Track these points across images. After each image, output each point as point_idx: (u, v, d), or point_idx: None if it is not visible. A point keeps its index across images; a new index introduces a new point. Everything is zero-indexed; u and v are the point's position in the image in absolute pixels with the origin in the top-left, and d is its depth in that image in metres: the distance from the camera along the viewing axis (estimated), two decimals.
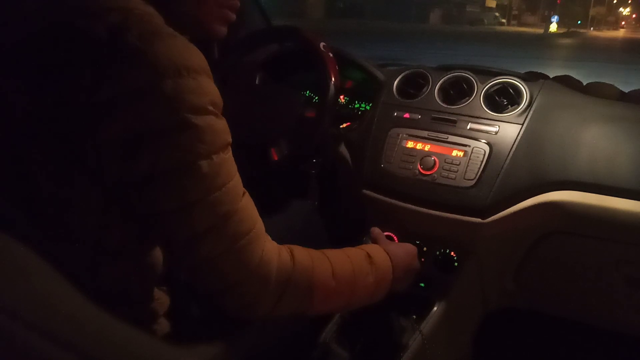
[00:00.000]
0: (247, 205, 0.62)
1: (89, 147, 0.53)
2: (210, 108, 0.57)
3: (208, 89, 0.57)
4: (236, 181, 0.61)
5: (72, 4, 0.55)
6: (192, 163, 0.55)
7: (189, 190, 0.56)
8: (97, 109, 0.52)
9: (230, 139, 0.61)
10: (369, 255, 0.78)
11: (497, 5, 46.82)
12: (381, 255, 0.80)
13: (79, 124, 0.53)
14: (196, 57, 0.57)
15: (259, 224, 0.64)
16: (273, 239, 0.66)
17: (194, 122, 0.54)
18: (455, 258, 1.12)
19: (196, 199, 0.56)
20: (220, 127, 0.59)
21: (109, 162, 0.54)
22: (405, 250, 0.88)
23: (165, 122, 0.53)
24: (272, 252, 0.64)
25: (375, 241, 0.93)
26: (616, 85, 1.17)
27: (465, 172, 1.04)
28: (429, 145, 1.10)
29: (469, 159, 1.04)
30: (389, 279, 0.79)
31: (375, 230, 0.95)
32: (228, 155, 0.60)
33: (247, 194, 0.63)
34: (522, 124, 1.05)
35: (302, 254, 0.68)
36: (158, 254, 0.66)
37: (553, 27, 31.33)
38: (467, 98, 1.13)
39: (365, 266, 0.76)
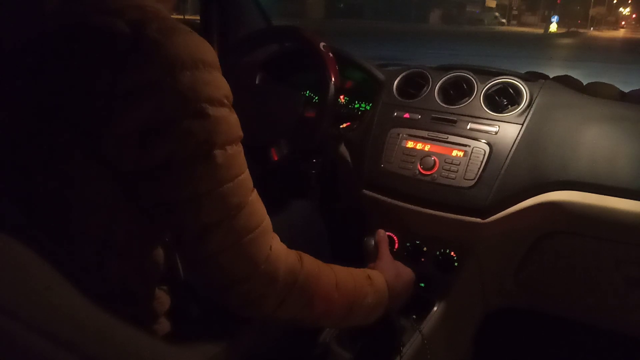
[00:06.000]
0: (256, 201, 0.63)
1: (106, 138, 0.54)
2: (225, 101, 0.59)
3: (222, 83, 0.60)
4: (247, 175, 0.62)
5: (90, 2, 0.57)
6: (207, 152, 0.56)
7: (202, 180, 0.57)
8: (117, 99, 0.53)
9: (241, 133, 0.62)
10: (369, 277, 0.79)
11: (497, 5, 46.83)
12: (380, 280, 0.82)
13: (98, 115, 0.54)
14: (210, 53, 0.58)
15: (267, 221, 0.65)
16: None
17: (209, 113, 0.56)
18: (455, 258, 1.12)
19: (209, 189, 0.57)
20: (233, 120, 0.60)
21: (125, 151, 0.55)
22: (404, 280, 0.89)
23: (183, 111, 0.55)
24: (280, 251, 0.64)
25: (378, 244, 0.93)
26: (616, 85, 1.17)
27: (465, 172, 1.04)
28: (429, 145, 1.10)
29: (469, 159, 1.04)
30: (385, 304, 0.81)
31: (381, 233, 0.96)
32: (240, 149, 0.61)
33: (255, 190, 0.64)
34: (522, 124, 1.05)
35: (310, 260, 0.69)
36: (160, 252, 0.67)
37: (553, 27, 31.35)
38: (467, 98, 1.13)
39: (365, 286, 0.77)
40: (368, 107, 1.33)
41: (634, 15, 63.46)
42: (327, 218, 1.16)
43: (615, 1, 62.70)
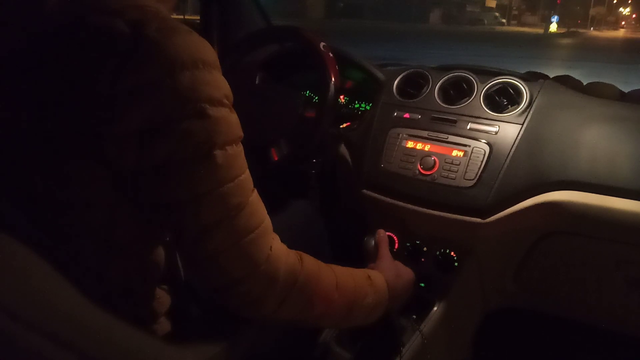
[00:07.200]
0: (257, 201, 0.63)
1: (106, 138, 0.54)
2: (225, 101, 0.59)
3: (222, 83, 0.59)
4: (247, 175, 0.62)
5: (90, 2, 0.57)
6: (207, 152, 0.56)
7: (202, 180, 0.57)
8: (117, 99, 0.53)
9: (242, 133, 0.62)
10: (369, 277, 0.79)
11: (497, 5, 46.83)
12: (380, 280, 0.82)
13: (98, 115, 0.54)
14: (210, 53, 0.58)
15: (268, 221, 0.65)
16: None
17: (209, 113, 0.56)
18: (455, 258, 1.12)
19: (209, 189, 0.57)
20: (233, 120, 0.60)
21: (125, 151, 0.55)
22: (404, 280, 0.89)
23: (183, 111, 0.55)
24: (281, 252, 0.64)
25: (378, 244, 0.93)
26: (616, 85, 1.17)
27: (465, 172, 1.04)
28: (429, 145, 1.10)
29: (469, 159, 1.04)
30: (385, 304, 0.81)
31: (381, 233, 0.96)
32: (240, 149, 0.61)
33: (255, 190, 0.64)
34: (522, 124, 1.05)
35: (310, 260, 0.69)
36: (161, 252, 0.67)
37: (553, 27, 31.32)
38: (467, 98, 1.13)
39: (365, 287, 0.77)
40: (368, 107, 1.33)
41: (634, 15, 63.44)
42: (327, 218, 1.16)
43: (615, 1, 62.67)
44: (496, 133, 1.06)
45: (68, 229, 0.58)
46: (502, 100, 1.12)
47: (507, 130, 1.06)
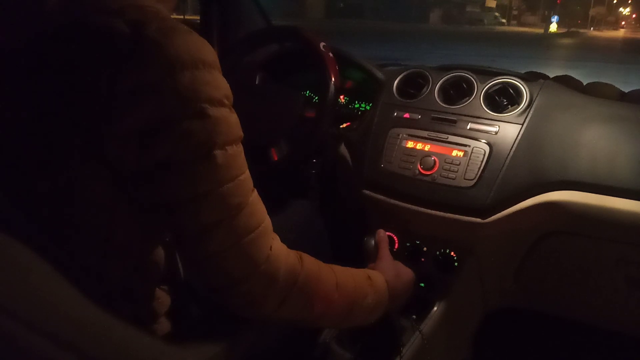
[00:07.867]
0: (257, 201, 0.63)
1: (106, 138, 0.54)
2: (225, 101, 0.59)
3: (223, 83, 0.59)
4: (247, 175, 0.62)
5: (90, 2, 0.57)
6: (207, 152, 0.56)
7: (202, 180, 0.57)
8: (117, 99, 0.53)
9: (242, 134, 0.62)
10: (369, 278, 0.79)
11: (497, 5, 46.85)
12: (380, 280, 0.82)
13: (98, 116, 0.54)
14: (211, 53, 0.58)
15: (268, 221, 0.65)
16: None
17: (209, 113, 0.56)
18: (455, 258, 1.12)
19: (209, 189, 0.57)
20: (233, 120, 0.60)
21: (126, 151, 0.55)
22: (404, 280, 0.89)
23: (183, 111, 0.55)
24: (281, 251, 0.64)
25: (378, 244, 0.93)
26: (616, 85, 1.17)
27: (465, 172, 1.04)
28: (429, 145, 1.10)
29: (469, 159, 1.04)
30: (385, 304, 0.81)
31: (381, 233, 0.96)
32: (240, 149, 0.61)
33: (255, 190, 0.64)
34: (522, 124, 1.05)
35: (311, 260, 0.69)
36: (160, 252, 0.67)
37: (553, 27, 31.36)
38: (467, 98, 1.13)
39: (365, 287, 0.77)
40: (368, 107, 1.33)
41: (634, 15, 63.44)
42: (327, 218, 1.16)
43: (615, 1, 62.69)
44: (496, 133, 1.06)
45: (68, 228, 0.58)
46: (502, 100, 1.12)
47: (507, 130, 1.06)
